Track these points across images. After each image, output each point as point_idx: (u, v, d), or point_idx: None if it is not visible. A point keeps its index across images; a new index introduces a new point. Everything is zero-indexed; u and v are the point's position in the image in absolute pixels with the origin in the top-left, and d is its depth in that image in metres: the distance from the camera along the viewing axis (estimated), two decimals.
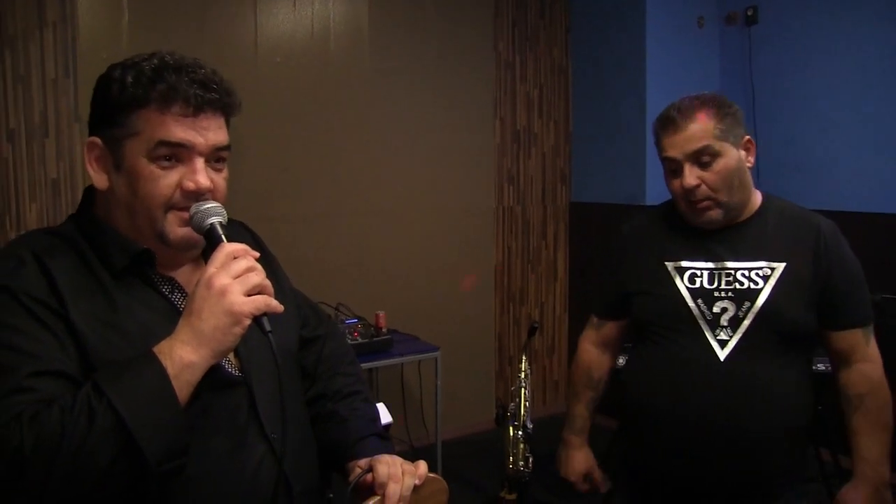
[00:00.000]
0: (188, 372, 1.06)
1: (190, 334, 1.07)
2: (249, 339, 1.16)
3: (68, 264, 1.16)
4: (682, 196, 1.85)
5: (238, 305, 1.07)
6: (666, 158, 1.85)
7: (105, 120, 1.20)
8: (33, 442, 0.97)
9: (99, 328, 1.13)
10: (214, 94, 1.20)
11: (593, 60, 5.02)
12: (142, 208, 1.18)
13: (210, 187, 1.20)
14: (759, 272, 1.84)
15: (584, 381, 2.16)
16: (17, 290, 1.10)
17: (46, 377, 1.05)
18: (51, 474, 0.97)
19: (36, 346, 1.07)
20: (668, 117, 1.83)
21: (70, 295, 1.13)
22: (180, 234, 1.20)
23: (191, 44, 3.67)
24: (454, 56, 4.64)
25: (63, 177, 3.44)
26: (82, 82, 3.45)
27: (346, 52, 4.21)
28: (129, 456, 1.00)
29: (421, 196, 4.56)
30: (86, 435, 0.98)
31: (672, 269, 1.92)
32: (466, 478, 4.09)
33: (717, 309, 1.84)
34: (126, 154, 1.18)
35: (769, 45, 4.50)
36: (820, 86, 4.20)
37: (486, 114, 4.84)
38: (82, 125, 3.42)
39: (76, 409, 1.00)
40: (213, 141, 1.20)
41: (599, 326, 2.15)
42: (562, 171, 5.21)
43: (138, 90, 1.16)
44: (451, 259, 4.71)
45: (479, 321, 4.94)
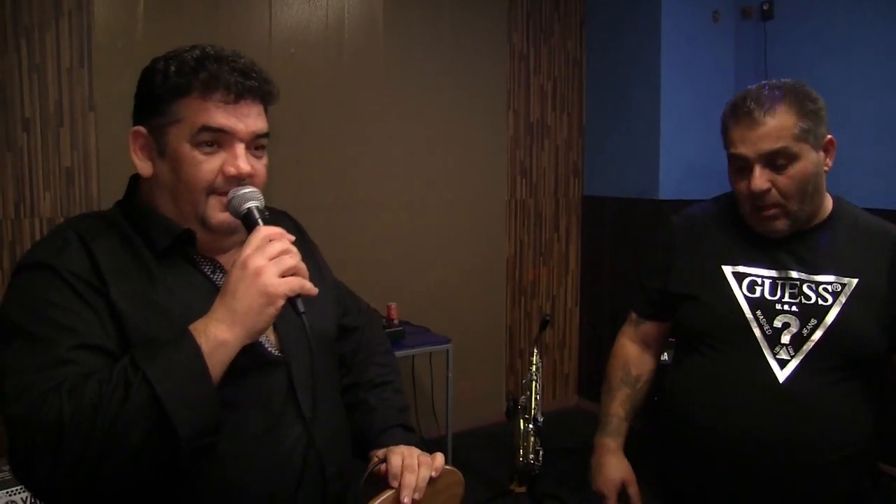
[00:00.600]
0: (222, 350, 1.08)
1: (224, 313, 1.10)
2: (290, 321, 1.21)
3: (111, 245, 1.21)
4: (747, 198, 1.64)
5: (272, 286, 1.10)
6: (734, 155, 1.63)
7: (149, 109, 1.24)
8: (72, 412, 1.00)
9: (140, 306, 1.16)
10: (254, 82, 1.24)
11: (608, 53, 5.00)
12: (185, 192, 1.22)
13: (251, 172, 1.24)
14: (828, 287, 1.64)
15: (621, 376, 1.92)
16: (61, 268, 1.14)
17: (86, 351, 1.09)
18: (87, 445, 0.99)
19: (77, 322, 1.11)
20: (743, 107, 1.60)
21: (112, 274, 1.16)
22: (221, 218, 1.24)
23: (205, 34, 3.67)
24: (468, 48, 4.63)
25: (77, 166, 3.45)
26: (97, 72, 3.46)
27: (361, 43, 4.21)
28: (163, 431, 1.02)
29: (433, 188, 4.55)
30: (121, 408, 1.00)
31: (730, 273, 1.71)
32: (476, 470, 4.09)
33: (779, 323, 1.64)
34: (170, 141, 1.22)
35: (784, 40, 4.47)
36: (835, 81, 4.16)
37: (500, 106, 4.83)
38: (97, 114, 3.44)
39: (113, 382, 1.02)
40: (253, 128, 1.25)
41: (639, 324, 1.94)
42: (575, 164, 5.19)
43: (181, 79, 1.20)
44: (463, 251, 4.71)
45: (491, 314, 4.94)
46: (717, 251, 1.75)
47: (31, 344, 1.09)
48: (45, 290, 1.13)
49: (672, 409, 1.80)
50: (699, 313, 1.73)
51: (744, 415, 1.62)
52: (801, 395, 1.59)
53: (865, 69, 4.08)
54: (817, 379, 1.60)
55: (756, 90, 1.62)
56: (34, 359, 1.07)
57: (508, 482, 3.95)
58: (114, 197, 1.38)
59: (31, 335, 1.09)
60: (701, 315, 1.72)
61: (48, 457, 1.00)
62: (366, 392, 1.52)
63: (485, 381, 4.91)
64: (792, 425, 1.59)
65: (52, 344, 1.08)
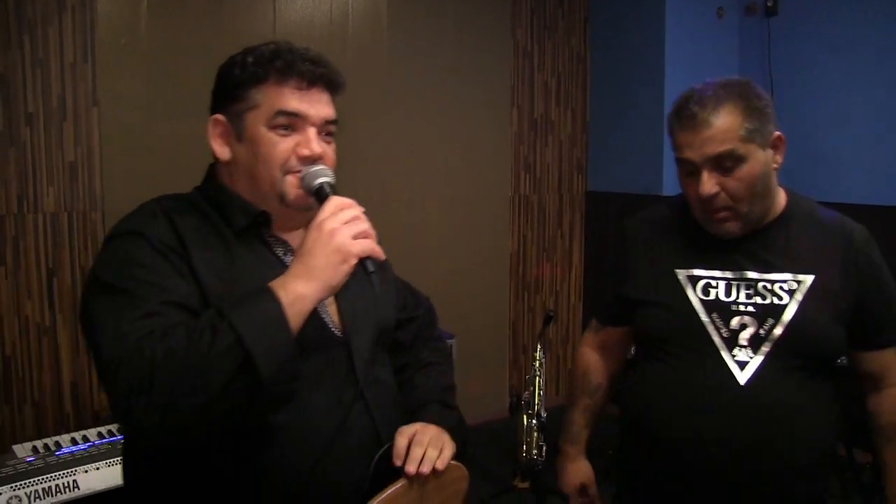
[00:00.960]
0: (300, 303, 1.17)
1: (302, 269, 1.19)
2: (354, 304, 1.39)
3: (193, 222, 1.32)
4: (697, 202, 1.62)
5: (346, 245, 1.20)
6: (681, 160, 1.61)
7: (228, 97, 1.37)
8: (163, 353, 1.09)
9: (218, 278, 1.26)
10: (324, 70, 1.36)
11: (612, 49, 4.99)
12: (263, 170, 1.33)
13: (322, 154, 1.35)
14: (783, 285, 1.62)
15: (581, 386, 1.96)
16: (150, 236, 1.26)
17: (174, 307, 1.19)
18: (177, 383, 1.08)
19: (165, 281, 1.21)
20: (686, 110, 1.57)
21: (194, 247, 1.28)
22: (297, 194, 1.34)
23: (209, 28, 3.68)
24: (472, 43, 4.61)
25: (81, 161, 3.45)
26: (100, 67, 3.45)
27: (364, 39, 4.20)
28: (246, 373, 1.10)
29: (437, 183, 4.55)
30: (208, 349, 1.09)
31: (684, 277, 1.69)
32: (480, 466, 4.09)
33: (736, 325, 1.62)
34: (248, 125, 1.34)
35: (788, 37, 4.46)
36: (839, 78, 4.16)
37: (504, 101, 4.82)
38: (100, 109, 3.44)
39: (200, 328, 1.11)
40: (324, 113, 1.36)
41: (598, 331, 1.95)
42: (578, 160, 5.18)
43: (258, 68, 1.32)
44: (466, 247, 4.71)
45: (494, 309, 4.94)
46: (670, 255, 1.72)
47: (123, 299, 1.18)
48: (135, 253, 1.24)
49: (632, 414, 1.80)
50: (655, 318, 1.71)
51: (707, 418, 1.59)
52: (763, 397, 1.57)
53: (869, 66, 4.07)
54: (778, 379, 1.59)
55: (699, 91, 1.58)
56: (127, 312, 1.16)
57: (512, 478, 3.96)
58: (117, 192, 1.44)
59: (123, 291, 1.19)
60: (657, 320, 1.70)
61: (143, 395, 1.07)
62: (414, 371, 1.63)
63: (488, 377, 4.90)
64: (756, 427, 1.57)
65: (142, 299, 1.17)
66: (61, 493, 1.95)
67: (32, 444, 2.21)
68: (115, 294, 1.20)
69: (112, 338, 1.14)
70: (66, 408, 3.48)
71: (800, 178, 4.31)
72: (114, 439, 2.23)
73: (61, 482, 1.97)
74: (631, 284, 1.77)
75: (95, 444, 2.18)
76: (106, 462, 2.07)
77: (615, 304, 1.86)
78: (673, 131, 1.62)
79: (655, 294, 1.71)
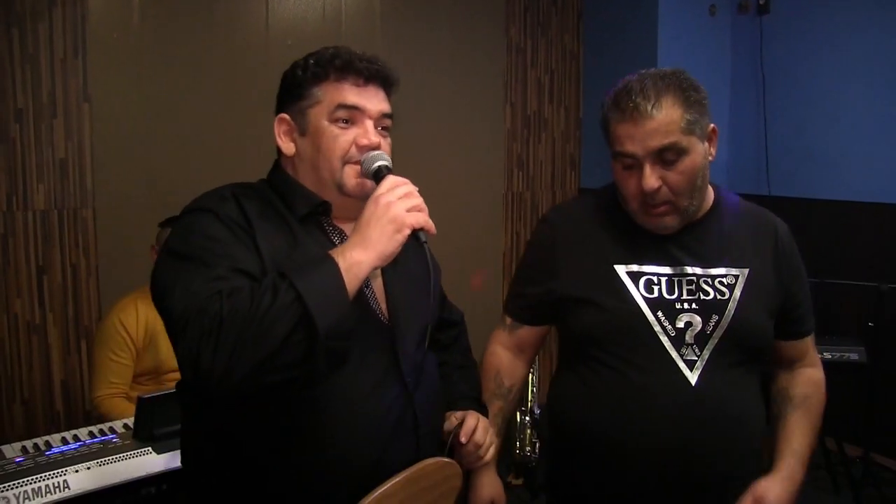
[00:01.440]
0: (356, 268, 1.25)
1: (358, 238, 1.28)
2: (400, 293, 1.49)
3: (259, 206, 1.41)
4: (635, 196, 1.56)
5: (401, 216, 1.29)
6: (621, 153, 1.55)
7: (292, 97, 1.48)
8: (230, 308, 1.17)
9: (279, 258, 1.34)
10: (379, 67, 1.49)
11: (605, 47, 4.99)
12: (324, 161, 1.43)
13: (379, 144, 1.45)
14: (723, 280, 1.60)
15: (493, 388, 1.81)
16: (220, 213, 1.36)
17: (240, 273, 1.28)
18: (242, 333, 1.16)
19: (232, 251, 1.31)
20: (627, 101, 1.52)
21: (259, 228, 1.37)
22: (355, 183, 1.44)
23: (202, 24, 3.66)
24: (465, 40, 4.60)
25: (71, 157, 3.42)
26: (92, 62, 3.43)
27: (357, 35, 4.18)
28: (305, 328, 1.18)
29: (430, 180, 4.49)
30: (270, 305, 1.17)
31: (623, 273, 1.60)
32: None
33: (681, 323, 1.56)
34: (310, 120, 1.45)
35: (780, 35, 4.47)
36: (830, 76, 4.17)
37: (497, 99, 4.81)
38: (92, 106, 3.42)
39: (264, 286, 1.20)
40: (380, 108, 1.48)
41: (514, 329, 1.82)
42: (571, 156, 5.18)
43: (319, 67, 1.45)
44: (459, 244, 4.69)
45: (487, 307, 4.92)
46: (605, 249, 1.64)
47: (194, 265, 1.28)
48: (205, 227, 1.33)
49: (570, 424, 1.69)
50: (596, 318, 1.60)
51: (661, 423, 1.53)
52: (712, 396, 1.54)
53: (860, 63, 4.09)
54: (723, 377, 1.56)
55: (638, 82, 1.54)
56: (197, 275, 1.26)
57: (505, 474, 3.96)
58: (109, 189, 1.45)
59: (193, 259, 1.29)
60: (599, 320, 1.60)
61: (211, 343, 1.16)
62: (452, 369, 1.73)
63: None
64: (706, 429, 1.54)
65: (212, 265, 1.27)
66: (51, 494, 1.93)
67: (22, 444, 2.19)
68: (186, 261, 1.30)
69: (182, 296, 1.24)
70: (56, 406, 3.47)
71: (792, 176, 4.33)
72: (105, 438, 2.22)
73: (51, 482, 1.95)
74: (561, 281, 1.66)
75: (86, 444, 2.16)
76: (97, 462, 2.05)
77: (534, 301, 1.74)
78: (609, 123, 1.58)
79: (594, 291, 1.61)
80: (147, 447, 2.15)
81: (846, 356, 3.51)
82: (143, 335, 2.79)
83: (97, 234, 3.50)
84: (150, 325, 2.78)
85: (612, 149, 1.58)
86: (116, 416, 2.56)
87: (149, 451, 2.13)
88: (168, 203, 3.19)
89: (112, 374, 2.75)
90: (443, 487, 1.41)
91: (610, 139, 1.59)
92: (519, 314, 1.82)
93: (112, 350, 2.76)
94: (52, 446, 2.15)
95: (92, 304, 3.52)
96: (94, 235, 3.50)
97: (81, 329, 3.50)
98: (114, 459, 2.07)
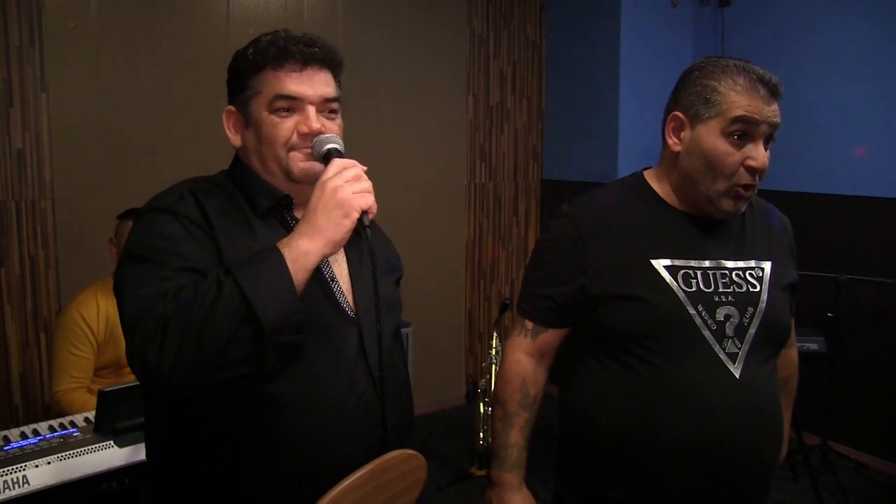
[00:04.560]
0: (304, 258, 1.25)
1: (306, 227, 1.27)
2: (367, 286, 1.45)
3: (219, 202, 1.41)
4: (731, 175, 1.52)
5: (349, 200, 1.28)
6: (747, 119, 1.50)
7: (236, 88, 1.47)
8: (174, 308, 1.18)
9: (238, 255, 1.32)
10: (317, 50, 1.44)
11: (567, 38, 5.01)
12: (268, 150, 1.43)
13: (321, 129, 1.42)
14: (752, 273, 1.60)
15: (519, 400, 1.70)
16: (178, 212, 1.35)
17: (191, 272, 1.28)
18: (185, 332, 1.16)
19: (187, 250, 1.31)
20: (770, 80, 1.51)
21: (218, 225, 1.37)
22: (301, 167, 1.42)
23: (162, 14, 3.61)
24: (428, 31, 4.60)
25: (29, 148, 3.36)
26: (49, 52, 3.37)
27: (320, 24, 4.16)
28: (250, 323, 1.18)
29: (392, 171, 4.53)
30: (214, 301, 1.17)
31: (661, 267, 1.56)
32: (437, 454, 4.11)
33: (720, 316, 1.54)
34: (253, 111, 1.44)
35: (741, 27, 4.53)
36: (791, 68, 4.22)
37: (459, 89, 4.81)
38: (49, 95, 3.36)
39: (207, 283, 1.21)
40: (321, 92, 1.44)
41: (537, 334, 1.70)
42: (534, 148, 5.21)
43: (257, 57, 1.42)
44: (422, 235, 4.70)
45: (450, 298, 4.95)
46: (638, 243, 1.60)
47: (147, 266, 1.28)
48: (161, 227, 1.33)
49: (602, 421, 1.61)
50: (639, 313, 1.55)
51: (707, 416, 1.50)
52: (754, 388, 1.54)
53: (819, 55, 4.15)
54: (760, 368, 1.56)
55: (762, 69, 1.53)
56: (148, 278, 1.26)
57: (469, 465, 3.99)
58: (68, 180, 1.42)
59: (148, 260, 1.29)
60: (642, 315, 1.54)
61: (156, 345, 1.17)
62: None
63: (445, 365, 4.92)
64: (753, 420, 1.52)
65: (163, 265, 1.27)
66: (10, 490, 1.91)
67: None
68: (141, 262, 1.30)
69: (132, 299, 1.25)
70: (14, 400, 3.42)
71: None
72: (66, 432, 2.19)
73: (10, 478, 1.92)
74: (594, 278, 1.60)
75: (46, 438, 2.14)
76: (58, 456, 2.02)
77: (561, 302, 1.66)
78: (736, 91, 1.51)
79: (635, 286, 1.56)
80: (109, 441, 2.13)
81: (805, 346, 3.58)
82: (104, 328, 2.75)
83: (56, 225, 3.45)
84: (110, 318, 2.75)
85: (730, 115, 1.51)
86: (77, 411, 2.53)
87: (111, 445, 2.11)
88: (127, 194, 3.16)
89: (73, 368, 2.72)
90: (408, 479, 1.41)
91: (731, 105, 1.51)
92: (541, 317, 1.70)
93: (72, 343, 2.72)
94: (11, 441, 2.12)
95: (51, 296, 3.47)
96: (52, 227, 3.44)
97: (40, 322, 3.45)
98: (75, 454, 2.05)
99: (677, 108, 1.60)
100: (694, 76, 1.58)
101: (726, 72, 1.53)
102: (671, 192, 1.65)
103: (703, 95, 1.54)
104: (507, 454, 1.69)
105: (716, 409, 1.50)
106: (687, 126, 1.57)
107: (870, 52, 3.93)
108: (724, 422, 1.50)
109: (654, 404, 1.53)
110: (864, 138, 3.96)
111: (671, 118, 1.61)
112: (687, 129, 1.58)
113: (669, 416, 1.51)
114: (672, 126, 1.61)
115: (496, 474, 1.71)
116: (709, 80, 1.54)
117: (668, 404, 1.51)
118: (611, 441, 1.59)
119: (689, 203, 1.63)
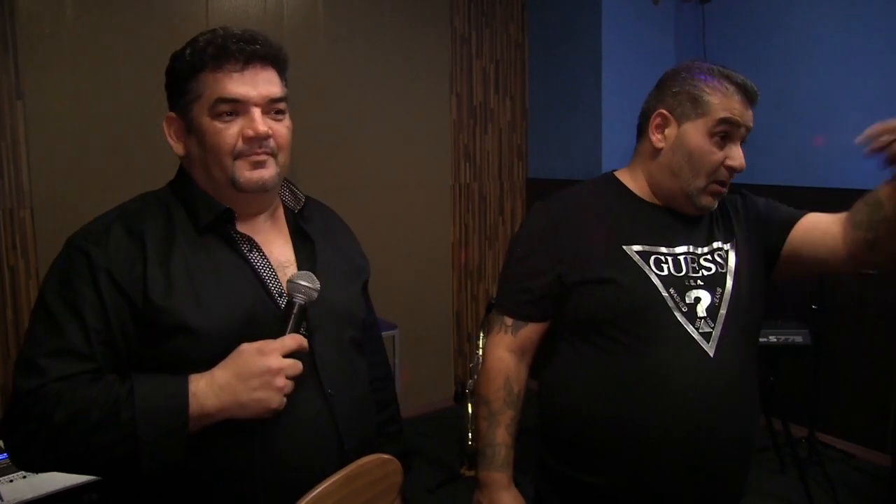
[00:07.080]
0: (205, 419, 1.21)
1: (224, 396, 1.22)
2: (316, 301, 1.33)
3: (153, 225, 1.33)
4: (712, 173, 1.60)
5: (275, 403, 1.23)
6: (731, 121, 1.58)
7: (175, 92, 1.35)
8: (59, 421, 1.16)
9: (176, 278, 1.27)
10: (258, 47, 1.33)
11: (549, 36, 5.00)
12: (213, 159, 1.33)
13: (268, 133, 1.33)
14: (718, 254, 1.65)
15: (503, 397, 1.71)
16: (96, 256, 1.26)
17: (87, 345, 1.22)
18: (61, 453, 1.18)
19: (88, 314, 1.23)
20: (750, 85, 1.60)
21: (154, 251, 1.28)
22: (247, 177, 1.33)
23: (140, 16, 3.58)
24: (410, 31, 4.59)
25: (6, 156, 3.33)
26: (24, 58, 3.34)
27: (301, 27, 4.14)
28: (128, 461, 1.17)
29: (376, 173, 4.51)
30: (102, 436, 1.17)
31: (634, 253, 1.62)
32: (426, 455, 4.09)
33: (691, 299, 1.59)
34: (194, 117, 1.33)
35: (722, 24, 4.54)
36: (770, 64, 4.24)
37: (443, 89, 4.80)
38: (25, 103, 3.33)
39: (103, 405, 1.17)
40: (266, 92, 1.33)
41: (517, 329, 1.72)
42: (518, 147, 5.20)
43: (195, 58, 1.31)
44: (408, 236, 4.69)
45: (437, 298, 4.93)
46: (610, 231, 1.65)
47: (48, 322, 1.23)
48: (73, 276, 1.25)
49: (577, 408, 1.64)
50: (614, 297, 1.58)
51: (683, 396, 1.53)
52: (730, 366, 1.57)
53: (799, 52, 4.17)
54: (734, 347, 1.59)
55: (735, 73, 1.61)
56: (49, 341, 1.22)
57: (458, 466, 3.97)
58: (47, 188, 1.40)
59: (52, 314, 1.24)
60: (617, 298, 1.58)
61: (36, 447, 1.17)
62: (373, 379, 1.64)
63: (433, 366, 4.90)
64: (729, 398, 1.56)
65: (62, 332, 1.22)
66: None
67: None
68: (44, 310, 1.25)
69: (28, 367, 1.21)
70: None
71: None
72: None
73: None
74: (570, 266, 1.64)
75: None
76: None
77: (540, 293, 1.68)
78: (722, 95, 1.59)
79: (610, 270, 1.60)
80: None
81: (791, 339, 3.59)
82: None
83: (36, 235, 3.42)
84: None
85: (717, 116, 1.58)
86: None
87: None
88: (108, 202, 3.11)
89: None
90: (383, 484, 1.39)
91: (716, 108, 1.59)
92: (521, 311, 1.72)
93: None
94: None
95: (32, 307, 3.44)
96: (32, 236, 3.41)
97: (21, 333, 3.42)
98: None
99: (662, 106, 1.65)
100: (681, 77, 1.64)
101: (714, 75, 1.61)
102: (645, 187, 1.71)
103: (691, 95, 1.61)
104: (494, 453, 1.70)
105: (691, 387, 1.54)
106: (673, 124, 1.64)
107: (848, 44, 3.95)
108: (699, 400, 1.53)
109: (629, 386, 1.57)
110: (845, 130, 3.96)
111: (657, 115, 1.66)
112: (672, 127, 1.64)
113: (645, 397, 1.55)
114: (657, 123, 1.66)
115: (484, 474, 1.71)
116: (697, 82, 1.61)
117: (644, 386, 1.55)
118: (588, 425, 1.62)
119: (663, 198, 1.69)
